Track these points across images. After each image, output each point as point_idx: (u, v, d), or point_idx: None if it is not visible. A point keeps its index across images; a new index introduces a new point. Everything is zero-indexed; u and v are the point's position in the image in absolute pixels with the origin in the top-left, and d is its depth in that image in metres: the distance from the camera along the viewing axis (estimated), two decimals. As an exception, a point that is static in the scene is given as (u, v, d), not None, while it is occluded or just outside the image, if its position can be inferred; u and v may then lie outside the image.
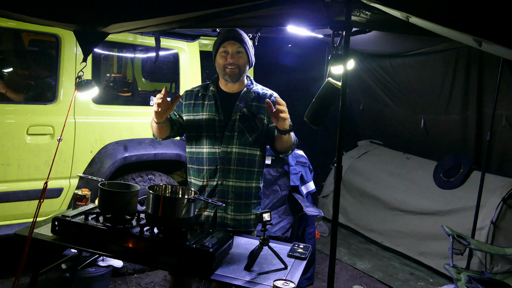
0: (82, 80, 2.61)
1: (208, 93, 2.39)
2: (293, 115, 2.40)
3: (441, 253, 4.04)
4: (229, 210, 2.31)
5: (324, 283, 3.81)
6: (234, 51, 2.29)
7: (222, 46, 2.31)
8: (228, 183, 2.30)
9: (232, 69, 2.29)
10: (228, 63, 2.29)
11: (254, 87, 2.41)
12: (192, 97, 2.41)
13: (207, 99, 2.37)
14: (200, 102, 2.38)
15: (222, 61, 2.31)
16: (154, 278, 3.61)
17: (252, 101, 2.35)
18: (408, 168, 4.88)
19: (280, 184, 3.97)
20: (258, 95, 2.38)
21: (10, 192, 3.06)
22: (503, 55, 2.07)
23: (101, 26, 2.26)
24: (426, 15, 1.56)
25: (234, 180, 2.31)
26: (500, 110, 3.95)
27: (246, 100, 2.35)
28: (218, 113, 2.32)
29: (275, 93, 2.43)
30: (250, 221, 2.37)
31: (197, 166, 2.37)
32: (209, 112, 2.34)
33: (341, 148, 1.84)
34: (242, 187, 2.32)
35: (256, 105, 2.35)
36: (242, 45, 2.30)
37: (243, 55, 2.31)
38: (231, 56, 2.29)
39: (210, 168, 2.32)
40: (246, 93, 2.37)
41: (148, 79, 4.57)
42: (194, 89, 2.46)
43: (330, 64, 2.04)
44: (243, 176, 2.32)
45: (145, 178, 3.56)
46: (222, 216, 2.31)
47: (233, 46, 2.29)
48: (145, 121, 3.66)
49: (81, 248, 2.02)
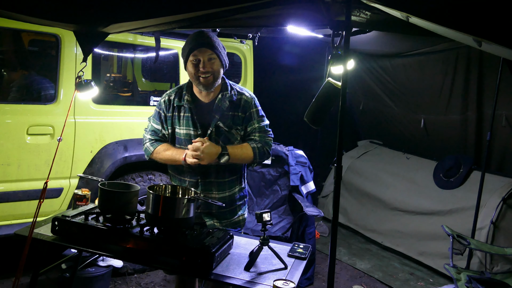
0: (82, 80, 2.61)
1: (183, 103, 2.30)
2: (293, 115, 2.40)
3: (441, 253, 4.04)
4: (215, 218, 2.31)
5: (324, 283, 3.81)
6: (205, 59, 2.18)
7: (193, 55, 2.20)
8: (210, 195, 2.28)
9: (206, 78, 2.20)
10: (201, 72, 2.19)
11: (228, 92, 2.30)
12: (170, 109, 2.35)
13: (183, 111, 2.30)
14: (177, 114, 2.32)
15: (194, 70, 2.21)
16: (154, 278, 3.61)
17: (228, 111, 2.27)
18: (408, 168, 4.87)
19: (280, 184, 3.97)
20: (233, 102, 2.29)
21: (10, 192, 3.06)
22: (503, 55, 2.07)
23: (101, 26, 2.25)
24: (426, 15, 1.56)
25: (217, 192, 2.29)
26: (500, 110, 3.95)
27: (221, 110, 2.26)
28: (196, 128, 2.27)
29: (249, 94, 2.34)
30: (239, 222, 2.39)
31: (179, 176, 2.34)
32: (186, 127, 2.29)
33: (341, 148, 1.84)
34: (226, 196, 2.31)
35: (231, 115, 2.28)
36: (214, 51, 2.19)
37: (215, 61, 2.21)
38: (203, 65, 2.18)
39: (192, 180, 2.29)
40: (220, 101, 2.27)
41: (148, 79, 4.58)
42: (170, 97, 2.37)
43: (330, 64, 2.04)
44: (225, 187, 2.30)
45: (145, 178, 3.56)
46: (210, 224, 2.30)
47: (204, 54, 2.18)
48: (145, 121, 3.66)
49: (81, 248, 2.02)
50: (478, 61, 4.10)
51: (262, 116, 2.35)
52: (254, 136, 2.30)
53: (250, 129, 2.30)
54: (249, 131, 2.31)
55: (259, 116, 2.33)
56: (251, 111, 2.31)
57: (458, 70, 4.30)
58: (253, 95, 2.37)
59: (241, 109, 2.29)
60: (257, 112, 2.33)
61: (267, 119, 2.39)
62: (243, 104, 2.30)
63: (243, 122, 2.29)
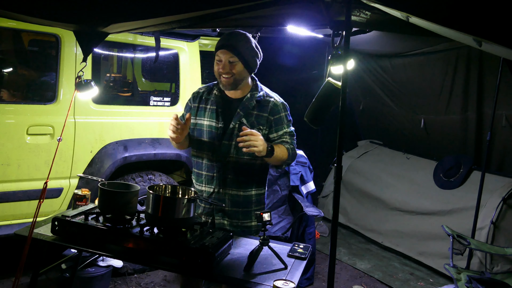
0: (82, 80, 2.61)
1: (211, 97, 2.35)
2: (293, 115, 2.40)
3: (441, 253, 4.04)
4: (226, 217, 2.31)
5: (324, 283, 3.81)
6: (226, 61, 2.21)
7: (217, 54, 2.24)
8: (225, 191, 2.29)
9: (226, 79, 2.23)
10: (221, 72, 2.23)
11: (258, 93, 2.33)
12: (197, 99, 2.39)
13: (210, 104, 2.34)
14: (203, 106, 2.35)
15: (217, 69, 2.25)
16: (154, 278, 3.61)
17: (253, 110, 2.29)
18: (408, 168, 4.87)
19: (280, 184, 3.97)
20: (259, 103, 2.31)
21: (10, 192, 3.06)
22: (503, 55, 2.07)
23: (101, 26, 2.26)
24: (426, 15, 1.56)
25: (231, 188, 2.29)
26: (500, 110, 3.95)
27: (247, 108, 2.29)
28: (218, 121, 2.29)
29: (280, 100, 2.35)
30: (251, 228, 2.36)
31: (197, 170, 2.37)
32: (210, 118, 2.32)
33: (341, 148, 1.83)
34: (240, 195, 2.30)
35: (256, 114, 2.29)
36: (235, 54, 2.20)
37: (237, 64, 2.21)
38: (223, 66, 2.22)
39: (208, 174, 2.31)
40: (248, 100, 2.30)
41: (148, 79, 4.57)
42: (200, 91, 2.42)
43: (330, 64, 2.04)
44: (240, 185, 2.30)
45: (145, 178, 3.56)
46: (220, 222, 2.31)
47: (226, 56, 2.20)
48: (145, 121, 3.67)
49: (81, 248, 2.02)
50: (478, 61, 4.10)
51: (290, 121, 2.37)
52: (286, 139, 2.31)
53: (282, 132, 2.32)
54: (280, 134, 2.32)
55: (288, 121, 2.36)
56: (281, 115, 2.32)
57: (458, 70, 4.30)
58: (283, 100, 2.38)
59: (269, 111, 2.30)
60: (287, 116, 2.35)
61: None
62: (271, 106, 2.31)
63: (268, 123, 2.29)
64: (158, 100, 3.82)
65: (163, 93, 4.06)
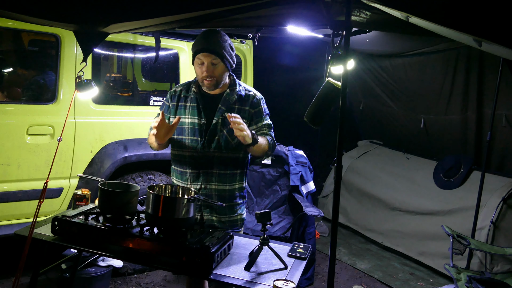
0: (82, 80, 2.61)
1: (190, 95, 2.35)
2: (293, 115, 2.41)
3: (441, 253, 4.04)
4: (214, 213, 2.33)
5: (324, 283, 3.81)
6: (208, 63, 2.22)
7: (198, 57, 2.24)
8: (211, 186, 2.31)
9: (209, 81, 2.25)
10: (205, 76, 2.24)
11: (237, 88, 2.36)
12: (175, 98, 2.39)
13: (189, 101, 2.35)
14: (183, 104, 2.36)
15: (199, 71, 2.26)
16: (154, 278, 3.61)
17: (234, 104, 2.32)
18: (408, 168, 4.88)
19: (280, 184, 3.97)
20: (240, 97, 2.34)
21: (10, 192, 3.06)
22: (503, 55, 2.07)
23: (101, 26, 2.26)
24: (426, 15, 1.56)
25: (217, 183, 2.31)
26: (500, 110, 3.95)
27: (228, 103, 2.31)
28: (200, 117, 2.30)
29: (258, 93, 2.41)
30: (237, 221, 2.40)
31: (181, 168, 2.37)
32: (191, 116, 2.32)
33: (341, 148, 1.84)
34: (226, 190, 2.33)
35: (238, 108, 2.32)
36: (217, 56, 2.21)
37: (218, 65, 2.23)
38: (206, 69, 2.22)
39: (193, 171, 2.32)
40: (228, 95, 2.33)
41: (148, 79, 4.57)
42: (177, 89, 2.42)
43: (330, 64, 2.04)
44: (226, 180, 2.32)
45: (145, 178, 3.56)
46: (209, 219, 2.32)
47: (208, 58, 2.21)
48: (145, 121, 3.66)
49: (81, 248, 2.02)
50: (478, 61, 4.10)
51: (267, 114, 2.43)
52: (265, 131, 2.36)
53: (261, 125, 2.37)
54: (260, 126, 2.36)
55: (266, 114, 2.41)
56: (259, 108, 2.38)
57: (458, 70, 4.30)
58: (260, 94, 2.43)
59: (249, 104, 2.35)
60: (264, 109, 2.41)
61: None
62: (251, 99, 2.35)
63: (249, 116, 2.33)
64: (158, 100, 3.82)
65: (163, 93, 4.06)
